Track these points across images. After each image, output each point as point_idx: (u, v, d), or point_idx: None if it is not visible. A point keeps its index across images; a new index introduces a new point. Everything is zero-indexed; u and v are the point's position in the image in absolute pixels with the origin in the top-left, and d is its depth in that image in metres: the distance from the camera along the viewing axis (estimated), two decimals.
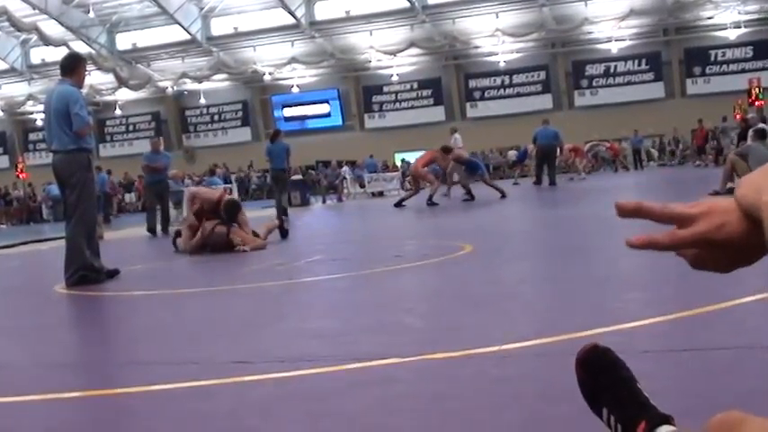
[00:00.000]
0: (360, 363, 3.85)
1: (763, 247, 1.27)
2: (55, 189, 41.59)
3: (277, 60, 54.16)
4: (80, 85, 9.38)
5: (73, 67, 9.34)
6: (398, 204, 21.02)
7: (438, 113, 54.69)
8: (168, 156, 21.58)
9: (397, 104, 55.99)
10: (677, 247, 1.35)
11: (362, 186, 38.62)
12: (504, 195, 20.62)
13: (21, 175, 45.56)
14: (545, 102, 53.15)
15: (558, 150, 28.95)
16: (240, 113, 59.06)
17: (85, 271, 8.73)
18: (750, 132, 18.27)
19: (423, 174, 21.30)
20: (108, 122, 59.69)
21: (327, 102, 57.42)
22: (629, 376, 2.17)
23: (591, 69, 52.65)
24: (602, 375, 2.20)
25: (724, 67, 50.13)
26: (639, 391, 2.14)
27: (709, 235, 1.31)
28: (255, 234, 12.22)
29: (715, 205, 1.33)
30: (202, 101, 58.45)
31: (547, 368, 3.54)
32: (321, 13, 52.10)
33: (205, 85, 57.13)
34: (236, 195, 23.12)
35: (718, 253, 1.33)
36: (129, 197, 49.61)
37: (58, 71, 9.35)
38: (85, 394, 3.87)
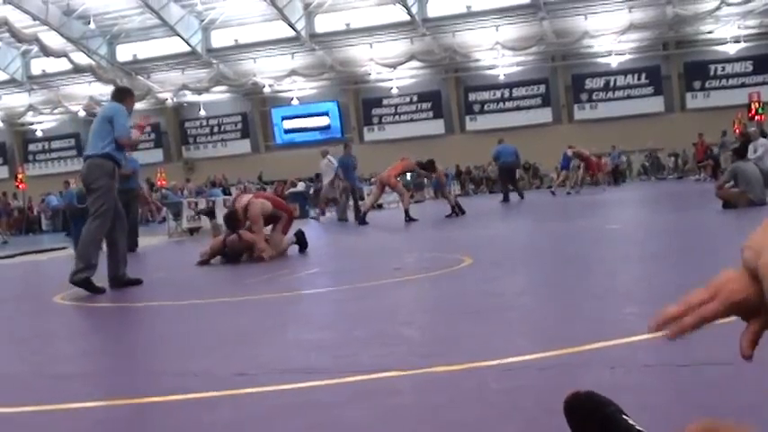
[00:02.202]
0: (360, 375, 3.85)
1: None
2: (54, 200, 41.81)
3: (277, 72, 54.24)
4: (128, 110, 9.91)
5: (122, 98, 10.06)
6: (362, 221, 20.76)
7: (438, 126, 54.79)
8: (136, 161, 20.46)
9: (397, 117, 56.06)
10: (704, 322, 1.41)
11: (362, 198, 38.59)
12: (456, 214, 20.63)
13: (20, 186, 45.56)
14: (545, 115, 53.27)
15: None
16: (240, 125, 59.13)
17: (90, 273, 8.84)
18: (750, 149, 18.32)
19: (394, 183, 21.06)
20: None
21: (327, 114, 57.50)
22: (615, 410, 2.19)
23: (591, 83, 52.75)
24: (588, 421, 2.23)
25: (724, 81, 50.25)
26: (626, 421, 2.17)
27: (730, 303, 1.39)
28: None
29: (729, 273, 1.40)
30: (202, 112, 58.52)
31: (548, 381, 3.54)
32: (321, 25, 52.17)
33: (205, 97, 57.20)
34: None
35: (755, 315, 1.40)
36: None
37: (58, 83, 9.97)
38: (85, 405, 3.87)
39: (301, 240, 12.79)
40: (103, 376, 4.68)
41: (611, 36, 49.73)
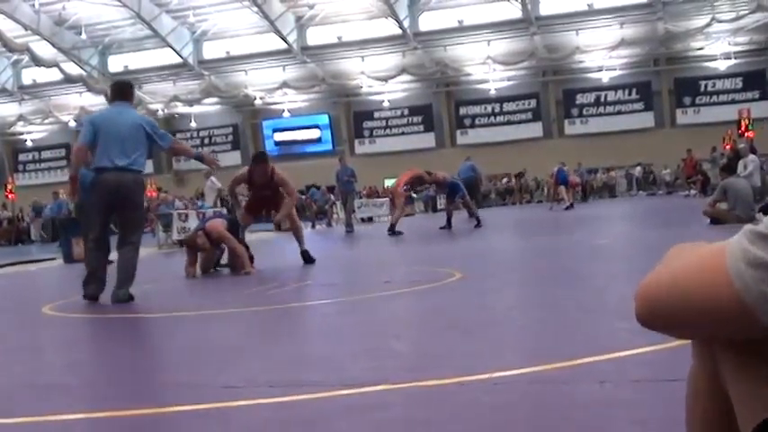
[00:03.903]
0: (350, 389, 3.83)
1: None
2: (46, 211, 41.59)
3: (268, 85, 54.30)
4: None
5: (130, 96, 9.59)
6: (392, 232, 20.56)
7: (428, 140, 54.86)
8: None
9: (388, 130, 56.15)
10: None
11: (353, 211, 38.60)
12: (479, 224, 20.56)
13: (10, 196, 45.46)
14: (535, 130, 53.42)
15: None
16: (230, 137, 59.12)
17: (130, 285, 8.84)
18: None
19: (399, 193, 21.14)
20: None
21: (318, 127, 57.53)
22: None
23: (581, 98, 52.91)
24: None
25: (714, 97, 50.47)
26: None
27: None
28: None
29: None
30: (193, 124, 58.50)
31: (538, 395, 3.53)
32: (313, 38, 52.28)
33: (196, 109, 57.21)
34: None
35: None
36: None
37: (49, 93, 9.59)
38: (72, 417, 3.84)
39: (307, 259, 12.60)
40: (91, 388, 4.66)
41: (602, 51, 49.96)
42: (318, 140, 57.28)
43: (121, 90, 9.54)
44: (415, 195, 37.17)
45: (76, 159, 9.49)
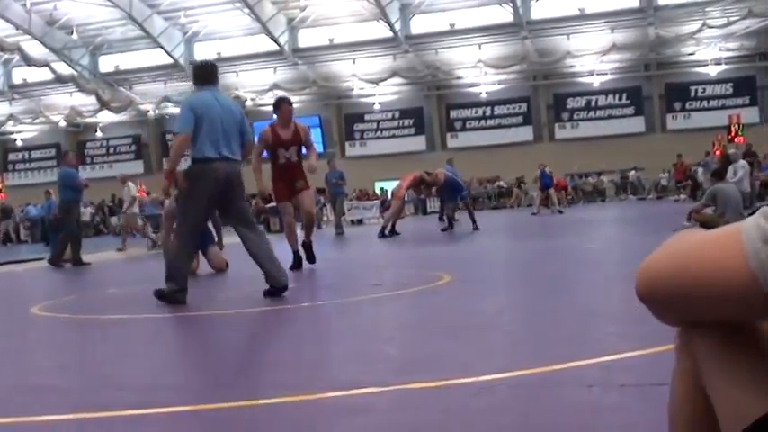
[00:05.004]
0: (337, 391, 3.83)
1: None
2: (33, 210, 41.57)
3: (259, 86, 54.16)
4: None
5: (217, 76, 8.94)
6: (382, 234, 20.32)
7: (419, 143, 54.80)
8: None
9: (379, 133, 56.07)
10: None
11: (343, 214, 38.58)
12: (476, 227, 20.54)
13: (0, 195, 45.40)
14: (526, 133, 53.39)
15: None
16: None
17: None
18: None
19: (399, 195, 21.28)
20: (88, 145, 59.55)
21: (309, 129, 57.44)
22: None
23: (572, 102, 52.92)
24: None
25: (704, 102, 50.54)
26: None
27: None
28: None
29: None
30: None
31: (525, 399, 3.54)
32: (304, 40, 52.19)
33: None
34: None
35: None
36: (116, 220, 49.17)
37: (39, 93, 9.27)
38: (63, 418, 3.84)
39: (302, 261, 12.50)
40: (81, 389, 4.64)
41: (593, 56, 49.95)
42: None
43: (211, 73, 8.84)
44: (406, 199, 36.98)
45: (180, 150, 8.74)
